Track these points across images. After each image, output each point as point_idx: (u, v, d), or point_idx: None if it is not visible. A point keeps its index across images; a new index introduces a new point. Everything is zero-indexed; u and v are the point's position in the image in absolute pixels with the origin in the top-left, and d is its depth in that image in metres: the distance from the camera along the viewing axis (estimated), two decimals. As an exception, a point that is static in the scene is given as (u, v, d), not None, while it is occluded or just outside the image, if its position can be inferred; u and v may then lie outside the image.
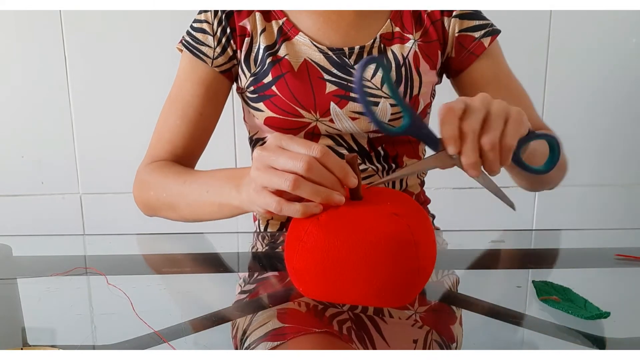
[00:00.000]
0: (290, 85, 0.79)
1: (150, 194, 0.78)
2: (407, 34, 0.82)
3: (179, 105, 0.82)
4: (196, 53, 0.81)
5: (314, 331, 0.54)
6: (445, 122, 0.53)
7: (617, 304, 0.58)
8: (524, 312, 0.60)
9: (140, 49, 1.44)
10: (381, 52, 0.81)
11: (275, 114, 0.80)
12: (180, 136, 0.82)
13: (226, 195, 0.64)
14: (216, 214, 0.69)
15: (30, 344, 0.54)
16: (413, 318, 0.57)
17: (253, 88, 0.81)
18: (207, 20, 0.81)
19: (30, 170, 1.52)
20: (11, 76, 1.46)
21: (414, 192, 0.91)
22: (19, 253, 0.83)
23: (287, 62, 0.80)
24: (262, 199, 0.54)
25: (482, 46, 0.82)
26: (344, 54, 0.80)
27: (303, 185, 0.51)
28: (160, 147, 0.83)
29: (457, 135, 0.53)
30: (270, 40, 0.81)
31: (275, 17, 0.82)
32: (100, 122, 1.47)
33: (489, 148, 0.53)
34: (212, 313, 0.59)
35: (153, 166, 0.80)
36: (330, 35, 0.81)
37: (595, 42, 1.47)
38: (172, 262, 0.79)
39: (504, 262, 0.76)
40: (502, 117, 0.54)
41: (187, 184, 0.72)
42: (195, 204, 0.71)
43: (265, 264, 0.77)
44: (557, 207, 1.58)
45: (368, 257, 0.49)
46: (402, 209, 0.53)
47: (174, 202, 0.74)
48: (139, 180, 0.81)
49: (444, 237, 0.87)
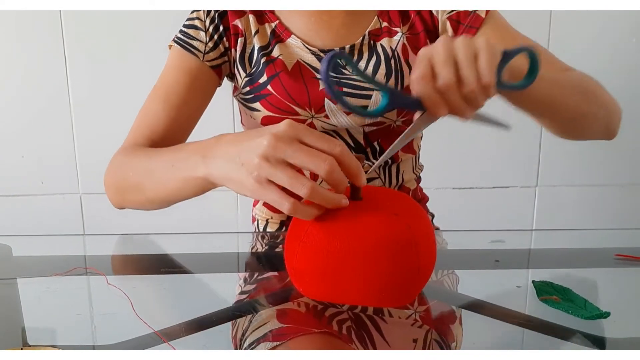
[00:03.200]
0: (285, 84, 0.80)
1: (118, 176, 0.73)
2: (394, 27, 0.82)
3: (162, 92, 0.80)
4: (187, 47, 0.81)
5: (314, 331, 0.54)
6: (423, 91, 0.54)
7: (617, 304, 0.58)
8: (524, 312, 0.60)
9: (140, 48, 1.44)
10: (371, 48, 0.81)
11: (272, 112, 0.81)
12: (161, 122, 0.78)
13: (192, 168, 0.56)
14: (182, 191, 0.61)
15: (30, 344, 0.54)
16: (413, 317, 0.57)
17: (249, 88, 0.82)
18: (199, 18, 0.82)
19: (30, 170, 1.52)
20: (11, 76, 1.46)
21: (410, 188, 0.91)
22: (19, 253, 0.83)
23: (281, 62, 0.81)
24: (270, 194, 0.49)
25: (479, 17, 0.80)
26: None
27: (318, 193, 0.48)
28: (139, 133, 0.79)
29: (438, 98, 0.54)
30: (264, 41, 0.82)
31: (267, 20, 0.83)
32: (100, 122, 1.47)
33: (470, 94, 0.54)
34: (212, 313, 0.59)
35: (128, 149, 0.76)
36: (322, 35, 0.82)
37: (595, 42, 1.47)
38: (172, 262, 0.79)
39: (504, 262, 0.76)
40: (471, 57, 0.54)
41: (152, 160, 0.66)
42: (160, 181, 0.63)
43: (265, 264, 0.77)
44: (557, 207, 1.58)
45: (368, 257, 0.49)
46: (402, 209, 0.53)
47: (139, 182, 0.67)
48: (110, 165, 0.76)
49: (444, 237, 0.87)
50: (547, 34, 1.45)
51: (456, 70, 0.54)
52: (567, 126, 0.78)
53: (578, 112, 0.73)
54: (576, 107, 0.73)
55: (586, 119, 0.75)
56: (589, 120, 0.76)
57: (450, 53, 0.54)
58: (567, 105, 0.72)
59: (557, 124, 0.78)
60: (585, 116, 0.75)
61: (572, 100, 0.72)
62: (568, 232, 0.92)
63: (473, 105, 0.56)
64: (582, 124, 0.77)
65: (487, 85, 0.54)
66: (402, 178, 0.89)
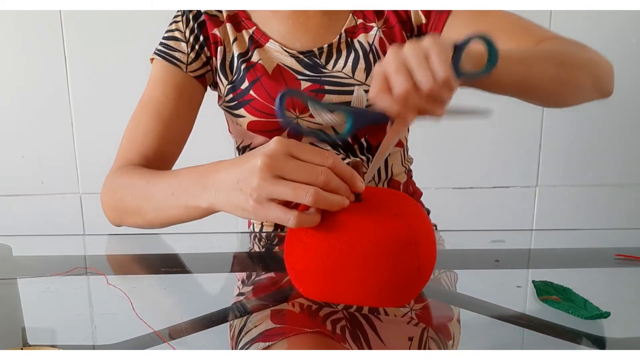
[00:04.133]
0: (267, 87, 0.80)
1: (116, 198, 0.72)
2: (369, 23, 0.83)
3: (152, 106, 0.79)
4: (169, 59, 0.81)
5: (306, 331, 0.54)
6: (384, 105, 0.56)
7: (617, 304, 0.58)
8: (524, 312, 0.60)
9: (140, 49, 1.43)
10: (349, 46, 0.82)
11: (256, 117, 0.81)
12: (153, 138, 0.77)
13: (193, 198, 0.58)
14: (184, 217, 0.63)
15: (30, 344, 0.54)
16: (408, 315, 0.57)
17: (232, 96, 0.82)
18: (178, 29, 0.82)
19: (30, 170, 1.52)
20: (11, 76, 1.46)
21: (400, 182, 0.91)
22: (19, 253, 0.83)
23: (260, 66, 0.81)
24: (272, 213, 0.50)
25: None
26: (314, 54, 0.82)
27: (322, 198, 0.49)
28: (131, 150, 0.78)
29: (400, 107, 0.55)
30: (242, 48, 0.82)
31: (245, 27, 0.83)
32: (100, 122, 1.47)
33: (432, 94, 0.54)
34: (212, 313, 0.59)
35: (122, 170, 0.75)
36: (300, 37, 0.83)
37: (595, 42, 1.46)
38: (172, 262, 0.79)
39: (504, 262, 0.75)
40: (421, 59, 0.54)
41: (150, 185, 0.66)
42: (160, 208, 0.64)
43: (262, 265, 0.77)
44: (557, 207, 1.58)
45: (368, 257, 0.49)
46: (401, 209, 0.53)
47: (138, 207, 0.68)
48: (106, 185, 0.75)
49: (444, 237, 0.87)
50: (547, 34, 1.45)
51: (410, 76, 0.54)
52: (550, 99, 0.75)
53: (557, 83, 0.70)
54: (554, 79, 0.70)
55: (568, 87, 0.72)
56: (571, 88, 0.72)
57: (400, 61, 0.54)
58: (543, 79, 0.69)
59: (539, 99, 0.75)
60: (567, 84, 0.71)
61: (547, 74, 0.69)
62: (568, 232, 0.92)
63: (439, 103, 0.56)
64: (564, 93, 0.73)
65: (445, 80, 0.54)
66: (392, 171, 0.89)
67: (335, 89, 0.81)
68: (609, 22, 1.44)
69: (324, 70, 0.82)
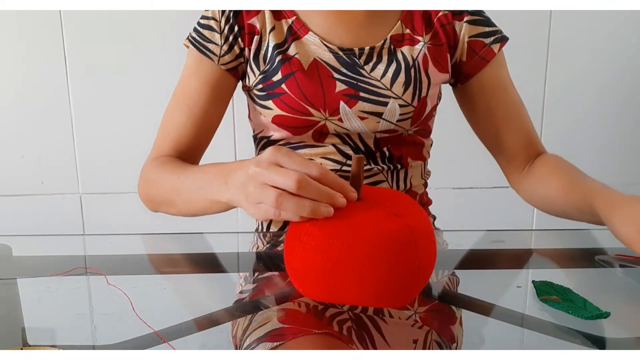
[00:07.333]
0: (300, 84, 0.79)
1: (152, 191, 0.80)
2: (417, 35, 0.81)
3: (185, 102, 0.83)
4: (202, 50, 0.81)
5: (314, 332, 0.54)
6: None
7: (617, 304, 0.58)
8: (524, 312, 0.60)
9: (140, 49, 1.44)
10: (391, 54, 0.81)
11: (285, 112, 0.80)
12: (185, 133, 0.83)
13: (216, 193, 0.65)
14: (208, 209, 0.70)
15: (30, 344, 0.54)
16: (413, 318, 0.57)
17: (262, 86, 0.81)
18: (214, 18, 0.81)
19: (30, 170, 1.52)
20: (11, 76, 1.46)
21: (417, 192, 0.91)
22: (19, 253, 0.83)
23: (296, 61, 0.79)
24: (261, 214, 0.56)
25: (492, 52, 0.82)
26: (354, 54, 0.80)
27: (286, 201, 0.52)
28: (165, 144, 0.84)
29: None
30: (279, 38, 0.81)
31: (284, 16, 0.82)
32: (100, 122, 1.47)
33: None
34: (212, 313, 0.59)
35: (157, 162, 0.81)
36: (341, 34, 0.81)
37: (595, 42, 1.47)
38: (172, 262, 0.79)
39: (504, 262, 0.76)
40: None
41: (180, 180, 0.73)
42: (189, 200, 0.72)
43: (265, 264, 0.77)
44: (557, 207, 1.58)
45: (368, 257, 0.49)
46: (401, 209, 0.53)
47: (171, 199, 0.76)
48: (143, 177, 0.82)
49: (444, 237, 0.87)
50: (547, 34, 1.45)
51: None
52: None
53: None
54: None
55: None
56: None
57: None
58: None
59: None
60: None
61: None
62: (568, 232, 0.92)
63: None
64: None
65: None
66: (411, 183, 0.89)
67: (370, 98, 0.79)
68: (609, 22, 1.44)
69: (361, 71, 0.80)
